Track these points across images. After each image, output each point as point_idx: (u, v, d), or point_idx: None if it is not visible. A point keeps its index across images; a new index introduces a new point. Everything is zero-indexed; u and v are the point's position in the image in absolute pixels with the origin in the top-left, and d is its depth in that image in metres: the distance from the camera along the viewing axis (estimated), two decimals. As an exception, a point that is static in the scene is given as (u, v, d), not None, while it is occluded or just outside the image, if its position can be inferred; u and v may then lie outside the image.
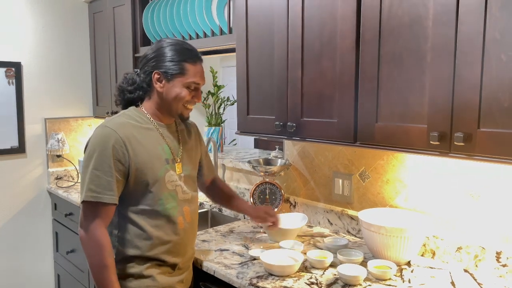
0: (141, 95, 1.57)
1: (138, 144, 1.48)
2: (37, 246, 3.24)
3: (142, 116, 1.55)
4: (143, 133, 1.52)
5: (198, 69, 1.54)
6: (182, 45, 1.53)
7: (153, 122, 1.56)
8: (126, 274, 1.50)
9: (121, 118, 1.52)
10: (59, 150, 3.16)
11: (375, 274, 1.50)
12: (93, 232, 1.41)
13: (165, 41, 1.54)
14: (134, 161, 1.46)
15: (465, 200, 1.60)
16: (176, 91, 1.51)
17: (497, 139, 1.16)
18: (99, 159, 1.42)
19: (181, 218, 1.56)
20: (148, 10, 2.66)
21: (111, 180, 1.42)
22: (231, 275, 1.56)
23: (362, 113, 1.49)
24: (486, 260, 1.53)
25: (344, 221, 2.00)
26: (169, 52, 1.50)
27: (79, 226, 1.45)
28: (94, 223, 1.42)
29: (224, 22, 2.22)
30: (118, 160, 1.43)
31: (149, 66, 1.52)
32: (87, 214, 1.43)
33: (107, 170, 1.42)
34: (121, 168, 1.44)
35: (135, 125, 1.51)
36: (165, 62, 1.49)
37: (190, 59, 1.51)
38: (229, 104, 3.02)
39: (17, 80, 3.03)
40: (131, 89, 1.56)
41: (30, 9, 3.09)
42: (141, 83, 1.55)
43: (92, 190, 1.41)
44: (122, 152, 1.44)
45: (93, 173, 1.42)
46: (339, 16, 1.53)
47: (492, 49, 1.16)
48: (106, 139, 1.44)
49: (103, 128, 1.47)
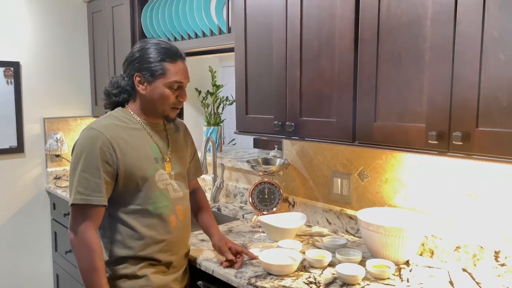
0: (126, 98, 1.56)
1: (126, 145, 1.48)
2: (36, 246, 3.23)
3: (129, 116, 1.55)
4: (130, 133, 1.51)
5: (179, 67, 1.51)
6: (161, 44, 1.51)
7: (140, 122, 1.55)
8: (120, 275, 1.50)
9: (107, 119, 1.52)
10: (58, 149, 3.16)
11: (374, 274, 1.50)
12: (83, 234, 1.41)
13: (146, 42, 1.53)
14: (122, 162, 1.46)
15: (464, 199, 1.60)
16: (158, 92, 1.50)
17: (495, 139, 1.16)
18: (86, 161, 1.42)
19: (173, 216, 1.56)
20: (147, 9, 2.66)
21: (100, 182, 1.42)
22: (229, 275, 1.56)
23: (360, 112, 1.49)
24: (484, 259, 1.53)
25: (342, 220, 2.00)
26: (148, 54, 1.49)
27: (69, 229, 1.45)
28: (84, 225, 1.41)
29: (223, 22, 2.22)
30: (105, 161, 1.43)
31: (131, 69, 1.52)
32: (76, 216, 1.43)
33: (95, 172, 1.41)
34: (109, 169, 1.44)
35: (121, 126, 1.51)
36: (145, 64, 1.48)
37: (169, 58, 1.49)
38: (228, 103, 3.02)
39: (15, 80, 3.03)
40: (116, 93, 1.56)
41: (29, 9, 3.08)
42: (125, 86, 1.54)
43: (80, 192, 1.41)
44: (110, 154, 1.44)
45: (81, 176, 1.42)
46: (337, 16, 1.53)
47: (490, 48, 1.16)
48: (93, 141, 1.43)
49: (89, 130, 1.47)
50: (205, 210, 1.80)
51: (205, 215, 1.78)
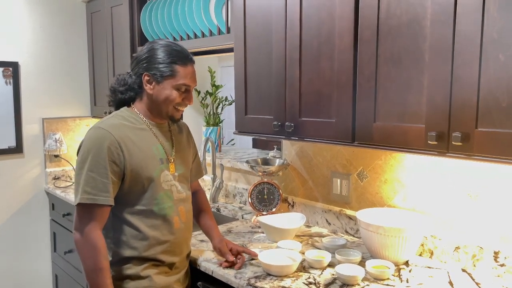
0: (133, 96, 1.56)
1: (133, 145, 1.48)
2: (34, 247, 3.23)
3: (135, 117, 1.55)
4: (137, 133, 1.51)
5: (189, 71, 1.53)
6: (173, 46, 1.52)
7: (146, 122, 1.55)
8: (123, 275, 1.50)
9: (115, 119, 1.52)
10: (57, 150, 3.15)
11: (373, 274, 1.50)
12: (89, 234, 1.41)
13: (157, 43, 1.53)
14: (129, 162, 1.46)
15: (463, 200, 1.60)
16: (166, 93, 1.50)
17: (495, 139, 1.16)
18: (94, 161, 1.42)
19: (176, 218, 1.56)
20: (146, 9, 2.66)
21: (107, 182, 1.42)
22: (229, 275, 1.56)
23: (360, 113, 1.49)
24: (484, 259, 1.53)
25: (342, 221, 2.00)
26: (160, 54, 1.49)
27: (73, 229, 1.45)
28: (90, 225, 1.41)
29: (222, 22, 2.22)
30: (113, 161, 1.43)
31: (140, 68, 1.52)
32: (82, 216, 1.43)
33: (102, 171, 1.41)
34: (116, 169, 1.44)
35: (128, 125, 1.51)
36: (155, 64, 1.49)
37: (180, 61, 1.50)
38: (227, 104, 3.01)
39: (14, 80, 3.03)
40: (123, 90, 1.56)
41: (28, 9, 3.08)
42: (133, 84, 1.54)
43: (87, 192, 1.40)
44: (117, 154, 1.44)
45: (88, 175, 1.41)
46: (337, 16, 1.53)
47: (490, 49, 1.16)
48: (101, 141, 1.43)
49: (96, 130, 1.47)
50: (205, 212, 1.80)
51: (205, 217, 1.78)
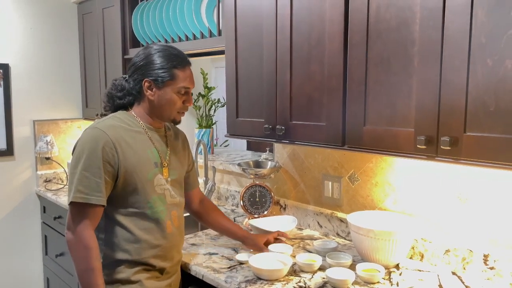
0: (131, 100, 1.57)
1: (128, 147, 1.48)
2: (26, 249, 3.20)
3: (132, 119, 1.55)
4: (132, 136, 1.51)
5: (188, 73, 1.54)
6: (170, 50, 1.53)
7: (143, 126, 1.55)
8: (114, 279, 1.49)
9: (111, 120, 1.52)
10: (48, 152, 3.12)
11: (364, 278, 1.50)
12: (81, 234, 1.40)
13: (153, 48, 1.54)
14: (124, 164, 1.45)
15: (453, 203, 1.61)
16: (167, 98, 1.52)
17: (483, 143, 1.16)
18: (88, 160, 1.41)
19: (169, 222, 1.56)
20: (138, 11, 2.64)
21: (100, 182, 1.41)
22: (219, 280, 1.55)
23: (350, 116, 1.49)
24: (473, 262, 1.53)
25: (333, 223, 2.00)
26: (158, 59, 1.50)
27: (66, 228, 1.44)
28: (82, 224, 1.41)
29: (213, 24, 2.21)
30: (107, 162, 1.43)
31: (139, 74, 1.52)
32: (75, 215, 1.42)
33: (96, 171, 1.41)
34: (110, 170, 1.43)
35: (125, 127, 1.51)
36: (155, 70, 1.50)
37: (179, 64, 1.52)
38: (219, 106, 3.01)
39: (5, 82, 3.00)
40: (121, 95, 1.56)
41: (18, 10, 3.05)
42: (131, 90, 1.55)
43: (80, 191, 1.40)
44: (112, 154, 1.43)
45: (82, 174, 1.41)
46: (327, 19, 1.53)
47: (478, 53, 1.16)
48: (96, 141, 1.43)
49: (93, 130, 1.47)
50: (221, 215, 1.85)
51: (224, 219, 1.84)
